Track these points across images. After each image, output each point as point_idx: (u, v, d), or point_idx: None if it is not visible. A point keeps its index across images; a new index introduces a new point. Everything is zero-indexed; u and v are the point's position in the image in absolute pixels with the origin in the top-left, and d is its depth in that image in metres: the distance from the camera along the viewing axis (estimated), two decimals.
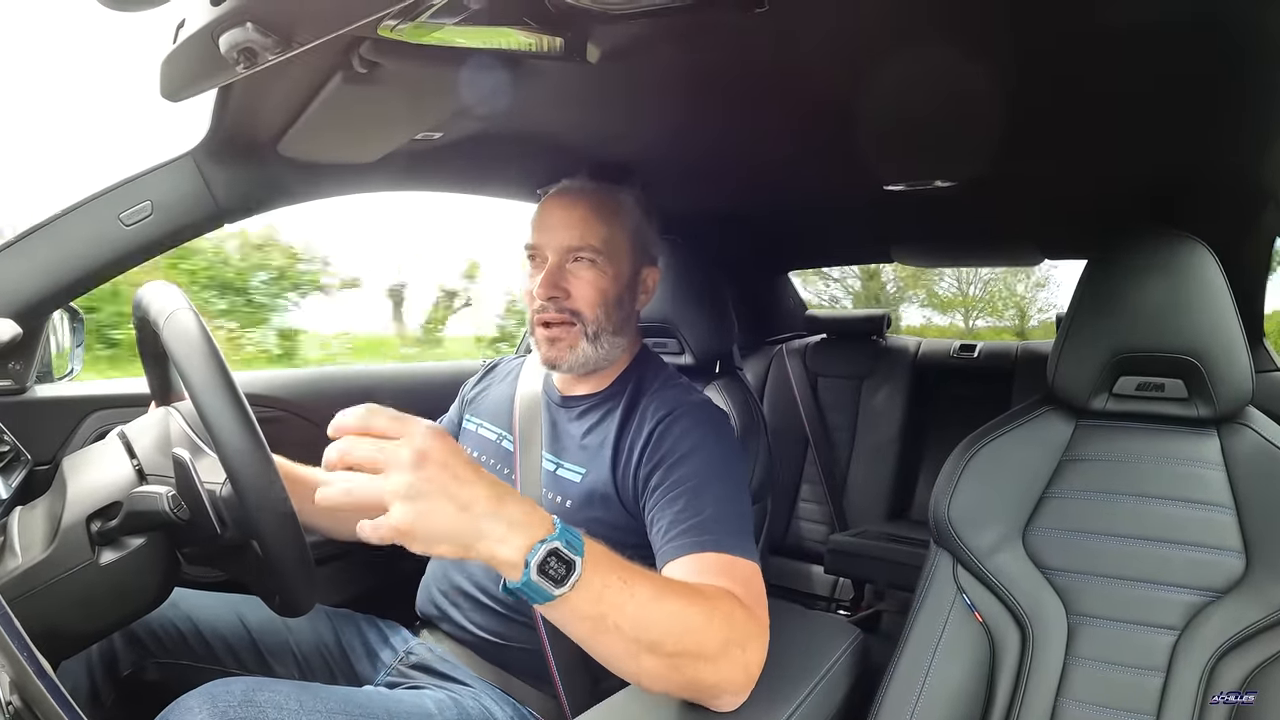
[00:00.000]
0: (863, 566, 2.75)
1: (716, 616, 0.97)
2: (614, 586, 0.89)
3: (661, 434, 1.29)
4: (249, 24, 0.82)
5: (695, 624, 0.95)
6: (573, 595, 0.85)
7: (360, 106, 1.22)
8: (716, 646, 0.96)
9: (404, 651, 1.45)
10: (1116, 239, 1.31)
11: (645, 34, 1.06)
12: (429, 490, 0.80)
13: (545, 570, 0.83)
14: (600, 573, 0.88)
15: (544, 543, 0.83)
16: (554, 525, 0.86)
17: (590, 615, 0.88)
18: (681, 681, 0.97)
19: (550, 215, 1.39)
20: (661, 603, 0.93)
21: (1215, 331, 1.24)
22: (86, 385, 1.69)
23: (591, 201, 1.39)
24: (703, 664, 0.96)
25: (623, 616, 0.89)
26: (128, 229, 1.43)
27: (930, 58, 1.15)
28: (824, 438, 3.21)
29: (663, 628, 0.92)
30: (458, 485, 0.81)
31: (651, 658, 0.92)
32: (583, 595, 0.86)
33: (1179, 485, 1.26)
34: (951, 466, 1.40)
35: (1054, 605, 1.27)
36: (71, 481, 1.05)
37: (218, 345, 1.01)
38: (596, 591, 0.87)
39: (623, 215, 1.41)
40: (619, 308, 1.40)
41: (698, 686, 0.99)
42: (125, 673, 1.28)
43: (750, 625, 1.02)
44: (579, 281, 1.37)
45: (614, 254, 1.38)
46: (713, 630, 0.96)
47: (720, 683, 0.99)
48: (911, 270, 13.51)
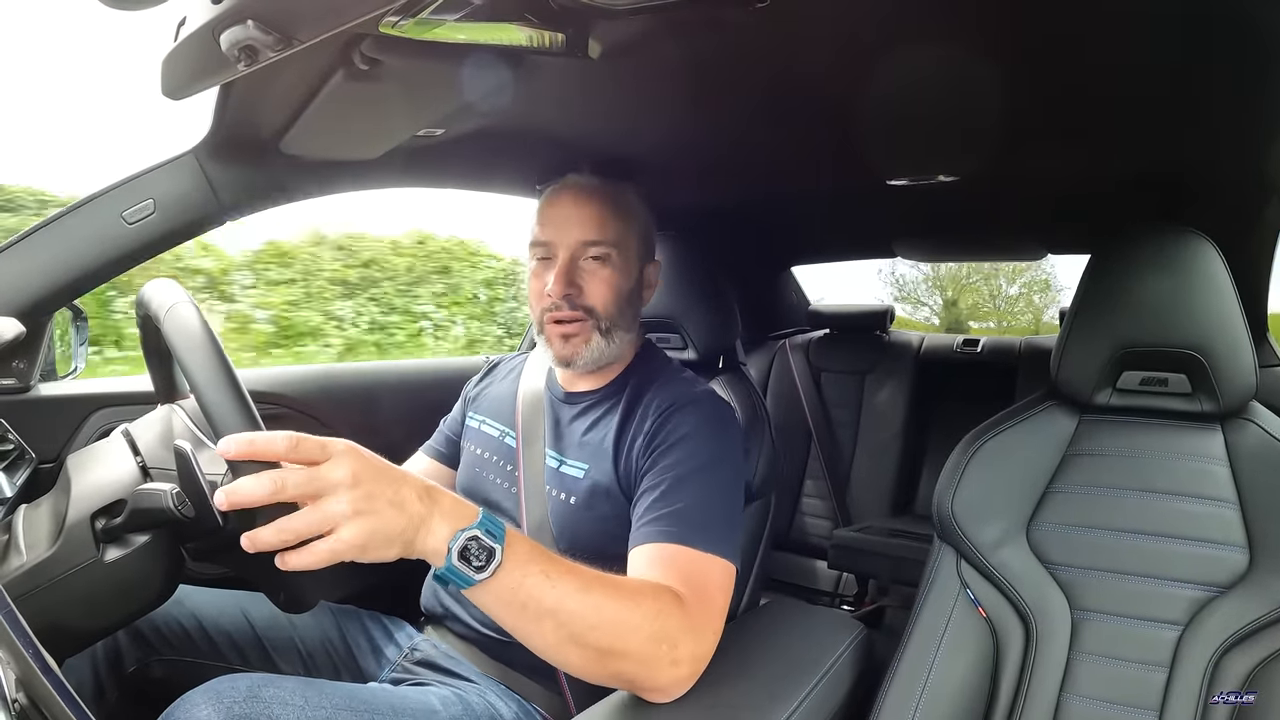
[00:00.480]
0: (866, 562, 2.75)
1: (642, 613, 1.00)
2: (534, 577, 0.93)
3: (661, 424, 1.29)
4: (250, 21, 0.82)
5: (618, 619, 0.97)
6: (493, 582, 0.90)
7: (362, 103, 1.22)
8: (640, 642, 0.98)
9: (409, 648, 1.45)
10: (1120, 233, 1.31)
11: (646, 30, 1.06)
12: (372, 504, 0.84)
13: (465, 556, 0.89)
14: (520, 564, 0.92)
15: (464, 530, 0.89)
16: (478, 515, 0.92)
17: (511, 603, 0.93)
18: (607, 674, 1.01)
19: (561, 211, 1.39)
20: (584, 596, 0.96)
21: (1219, 326, 1.23)
22: (90, 383, 1.69)
23: (602, 198, 1.39)
24: (628, 659, 0.99)
25: (543, 607, 0.94)
26: (131, 227, 1.43)
27: (932, 51, 1.15)
28: (827, 433, 3.20)
29: (586, 621, 0.95)
30: (393, 489, 0.86)
31: (576, 649, 0.96)
32: (503, 583, 0.91)
33: (1183, 480, 1.26)
34: (955, 461, 1.40)
35: (1058, 600, 1.27)
36: (76, 479, 1.05)
37: (218, 338, 1.01)
38: (516, 580, 0.92)
39: (631, 211, 1.42)
40: (630, 304, 1.41)
41: (625, 680, 1.02)
42: (130, 669, 1.29)
43: (683, 622, 1.03)
44: (593, 278, 1.37)
45: (625, 250, 1.39)
46: (637, 626, 0.98)
47: (649, 678, 1.01)
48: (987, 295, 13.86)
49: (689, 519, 1.16)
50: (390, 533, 0.85)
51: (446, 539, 0.88)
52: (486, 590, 0.91)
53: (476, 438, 1.56)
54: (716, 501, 1.21)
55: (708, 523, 1.17)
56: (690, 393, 1.35)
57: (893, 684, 1.30)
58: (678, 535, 1.14)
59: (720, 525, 1.18)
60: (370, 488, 0.84)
